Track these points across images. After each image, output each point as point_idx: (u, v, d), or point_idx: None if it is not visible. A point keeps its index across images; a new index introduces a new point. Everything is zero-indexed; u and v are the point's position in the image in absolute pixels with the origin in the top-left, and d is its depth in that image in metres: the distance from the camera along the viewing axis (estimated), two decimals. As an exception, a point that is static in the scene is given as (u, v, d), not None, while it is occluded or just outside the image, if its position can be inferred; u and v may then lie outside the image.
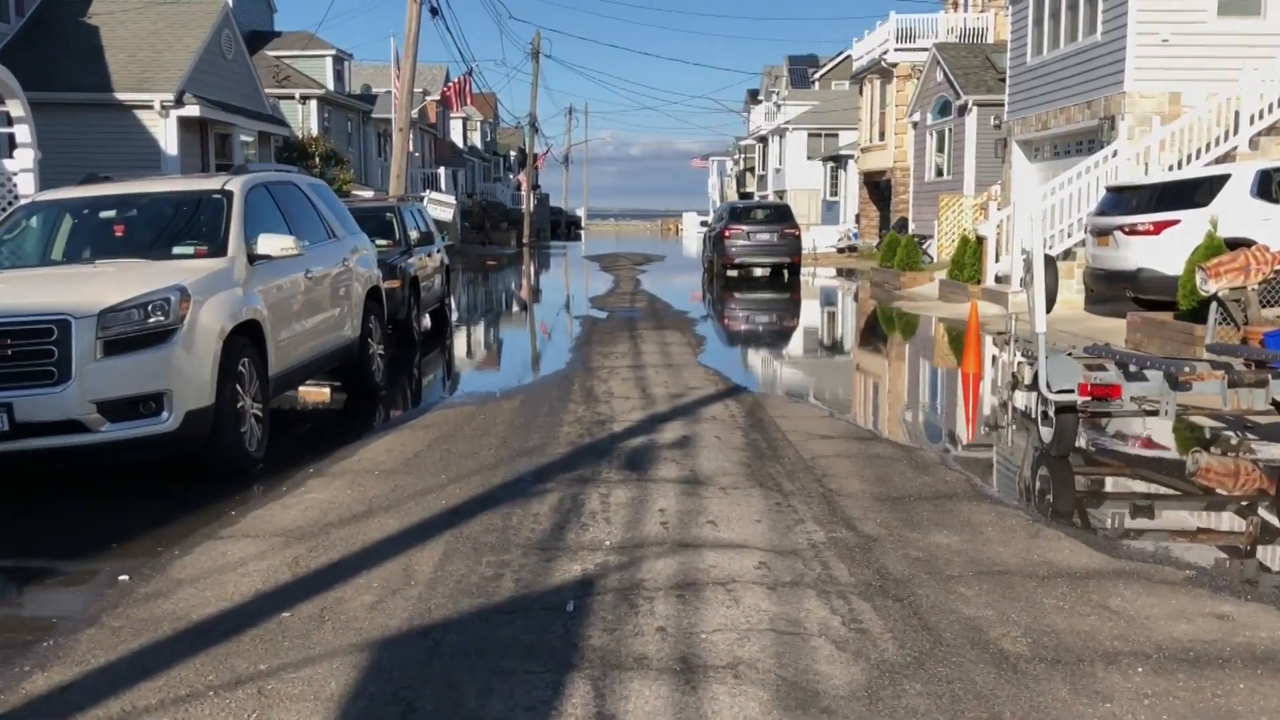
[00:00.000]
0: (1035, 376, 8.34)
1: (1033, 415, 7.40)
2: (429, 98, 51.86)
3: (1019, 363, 10.51)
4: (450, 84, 31.64)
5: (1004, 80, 26.08)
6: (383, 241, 13.69)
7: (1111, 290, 14.70)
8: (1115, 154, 17.05)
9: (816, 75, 59.58)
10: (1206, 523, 5.91)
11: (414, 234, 13.89)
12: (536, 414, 8.67)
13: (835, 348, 14.72)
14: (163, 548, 5.41)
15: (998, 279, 17.75)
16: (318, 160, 29.12)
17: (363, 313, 9.51)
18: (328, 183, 29.31)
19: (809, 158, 50.01)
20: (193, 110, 20.72)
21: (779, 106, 56.34)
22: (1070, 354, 8.07)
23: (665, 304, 19.63)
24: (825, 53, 63.24)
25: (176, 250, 7.57)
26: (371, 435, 8.01)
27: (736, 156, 71.93)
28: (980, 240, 18.19)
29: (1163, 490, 6.70)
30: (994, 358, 11.88)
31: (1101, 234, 14.67)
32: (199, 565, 5.12)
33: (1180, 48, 17.04)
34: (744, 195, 61.62)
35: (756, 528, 5.44)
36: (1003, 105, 25.51)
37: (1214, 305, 9.90)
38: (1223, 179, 14.07)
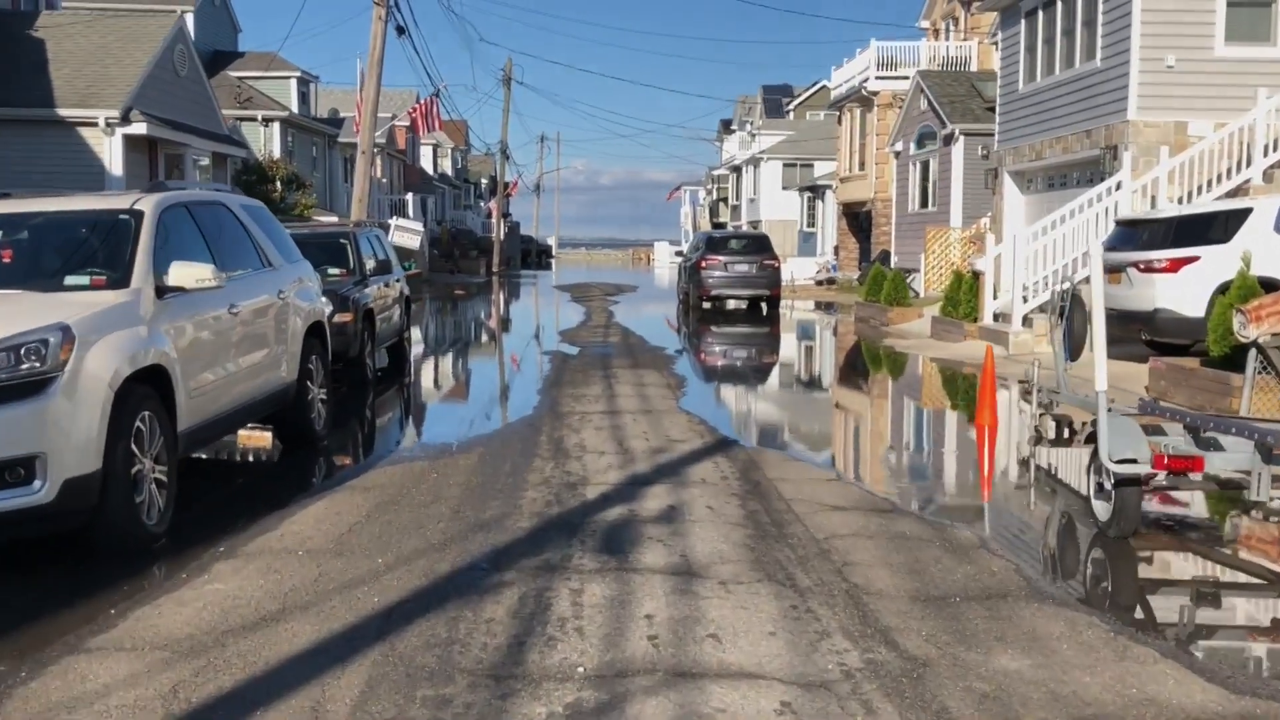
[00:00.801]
0: (1075, 436, 7.26)
1: (1084, 489, 6.30)
2: (397, 122, 50.80)
3: (1040, 414, 9.47)
4: (417, 105, 30.48)
5: (992, 109, 25.32)
6: (335, 270, 12.51)
7: (1124, 332, 13.71)
8: (1118, 186, 16.17)
9: (791, 105, 59.09)
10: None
11: (370, 262, 12.70)
12: (497, 473, 7.49)
13: (827, 392, 13.61)
14: (5, 666, 4.18)
15: (996, 317, 16.78)
16: (278, 184, 27.86)
17: (302, 352, 8.30)
18: (289, 208, 28.08)
19: (784, 188, 49.33)
20: (140, 128, 19.44)
21: (753, 136, 55.72)
22: (1125, 413, 7.03)
23: (640, 338, 18.50)
24: (800, 82, 62.78)
25: (70, 280, 6.36)
26: (304, 499, 6.78)
27: (709, 186, 71.24)
28: (976, 276, 17.24)
29: (1259, 583, 5.60)
30: (1011, 406, 10.81)
31: (1112, 271, 13.71)
32: (45, 697, 3.89)
33: (1186, 74, 16.23)
34: (717, 225, 60.84)
35: (771, 644, 4.28)
36: (991, 135, 24.73)
37: (1253, 353, 8.90)
38: (1243, 213, 13.18)
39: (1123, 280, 13.76)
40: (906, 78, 31.44)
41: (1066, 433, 9.45)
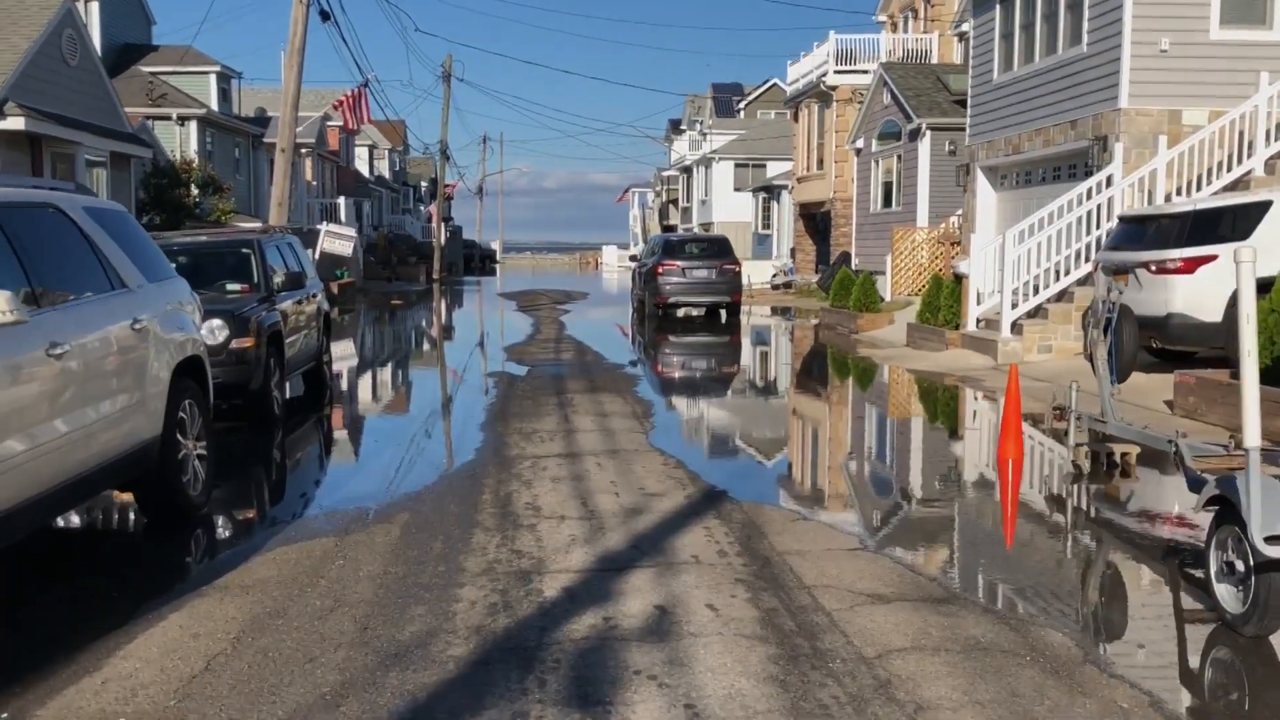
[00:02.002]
0: (1116, 470, 5.74)
1: (1210, 573, 4.72)
2: (329, 123, 48.43)
3: (1077, 445, 7.95)
4: (344, 97, 28.34)
5: (959, 102, 24.02)
6: (235, 286, 10.64)
7: (1134, 340, 12.30)
8: (1109, 180, 14.82)
9: (742, 104, 57.79)
10: None
11: (278, 276, 10.82)
12: (425, 556, 5.72)
13: (810, 418, 11.99)
14: None
15: (981, 323, 15.33)
16: (193, 188, 25.66)
17: (170, 397, 6.45)
18: (205, 214, 25.87)
19: (737, 189, 47.94)
20: (17, 123, 17.20)
21: (705, 135, 54.26)
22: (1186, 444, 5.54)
23: (596, 354, 16.77)
24: (751, 81, 61.56)
25: None
26: (152, 612, 4.95)
27: (659, 188, 69.64)
28: (959, 279, 15.78)
29: None
30: (1034, 433, 9.27)
31: (1119, 273, 12.28)
32: None
33: (1180, 59, 14.93)
34: (667, 228, 59.33)
35: None
36: (960, 129, 23.40)
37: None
38: (1262, 206, 11.87)
39: (1130, 282, 12.36)
40: (866, 72, 30.12)
41: (1108, 467, 8.00)
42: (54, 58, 18.96)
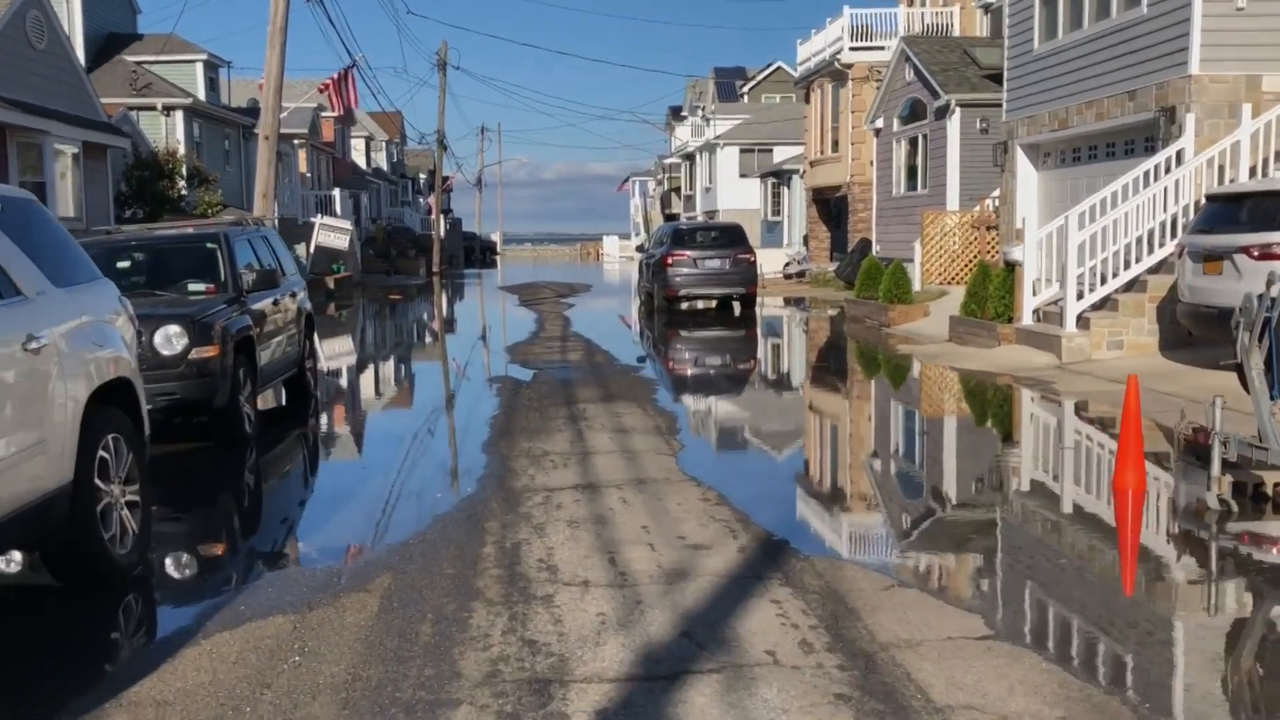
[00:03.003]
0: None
1: None
2: (324, 114, 46.87)
3: (1220, 476, 6.52)
4: (330, 79, 26.80)
5: (991, 77, 22.52)
6: (198, 287, 9.22)
7: (1225, 334, 10.85)
8: (1179, 156, 13.32)
9: (746, 88, 56.18)
10: None
11: (248, 274, 9.36)
12: (407, 652, 4.28)
13: (864, 435, 10.52)
14: None
15: (1037, 316, 13.87)
16: (179, 179, 24.19)
17: (83, 434, 5.02)
18: (191, 207, 24.38)
19: (743, 175, 46.37)
20: (-27, 109, 15.80)
21: (708, 121, 52.69)
22: None
23: (606, 354, 15.32)
24: (754, 64, 59.77)
25: None
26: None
27: (660, 176, 68.02)
28: (1011, 267, 14.30)
29: None
30: (1157, 453, 7.80)
31: (1210, 259, 10.84)
32: None
33: (1259, 17, 13.39)
34: (669, 216, 57.78)
35: None
36: (992, 105, 21.89)
37: None
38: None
39: (1223, 270, 10.90)
40: (884, 48, 28.59)
41: (1254, 500, 6.56)
42: (18, 40, 17.49)
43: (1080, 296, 12.98)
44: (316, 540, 6.32)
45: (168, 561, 5.92)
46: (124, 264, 9.21)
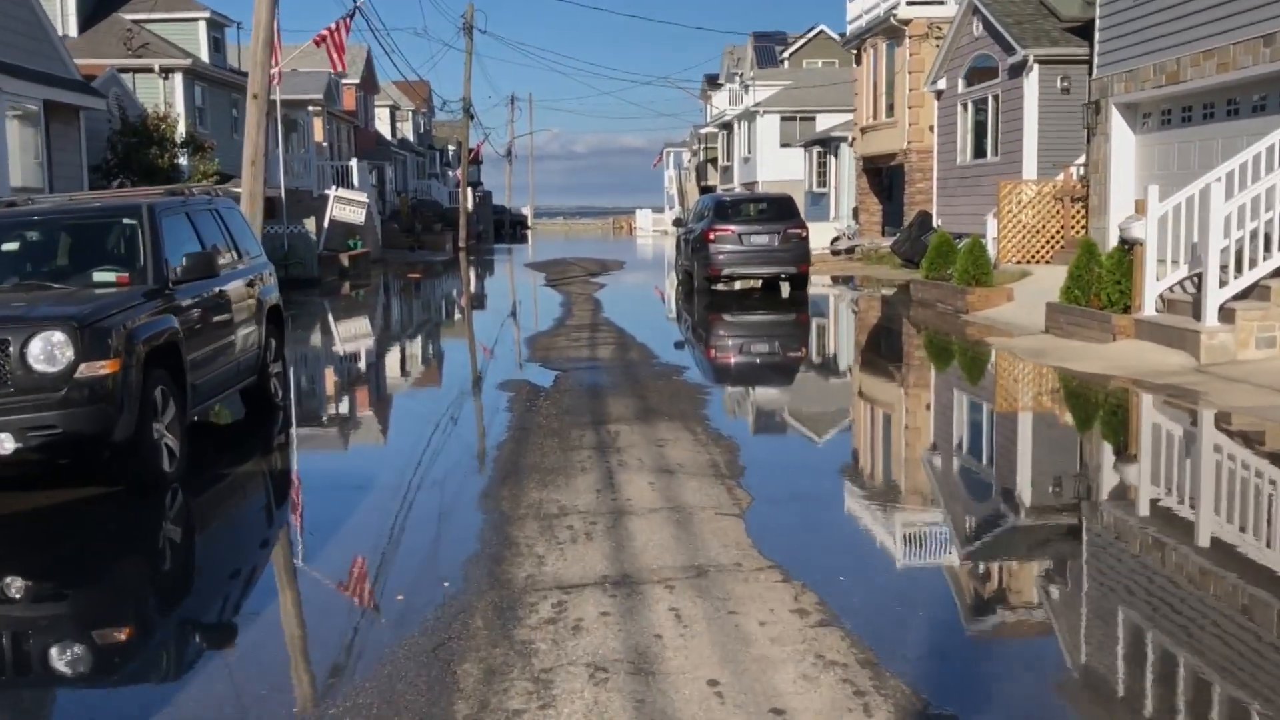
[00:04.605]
0: None
1: None
2: (345, 81, 44.68)
3: None
4: (329, 29, 24.44)
5: (1072, 29, 19.93)
6: (108, 276, 7.03)
7: None
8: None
9: (786, 53, 53.36)
10: None
11: (179, 259, 7.12)
12: None
13: (1017, 478, 8.16)
14: None
15: (1163, 304, 11.45)
16: (171, 146, 22.08)
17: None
18: (187, 176, 22.25)
19: (784, 144, 43.76)
20: (-97, 62, 13.70)
21: (746, 88, 49.97)
22: None
23: (643, 348, 13.05)
24: (794, 29, 56.92)
25: None
26: None
27: (695, 147, 65.34)
28: (1128, 246, 11.85)
29: None
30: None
31: None
32: None
33: None
34: (705, 189, 55.20)
35: None
36: (1075, 61, 19.38)
37: None
38: None
39: None
40: (944, 2, 25.96)
41: None
42: (-37, -17, 15.40)
43: (1223, 284, 10.55)
44: (217, 689, 4.14)
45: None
46: (11, 246, 7.05)
